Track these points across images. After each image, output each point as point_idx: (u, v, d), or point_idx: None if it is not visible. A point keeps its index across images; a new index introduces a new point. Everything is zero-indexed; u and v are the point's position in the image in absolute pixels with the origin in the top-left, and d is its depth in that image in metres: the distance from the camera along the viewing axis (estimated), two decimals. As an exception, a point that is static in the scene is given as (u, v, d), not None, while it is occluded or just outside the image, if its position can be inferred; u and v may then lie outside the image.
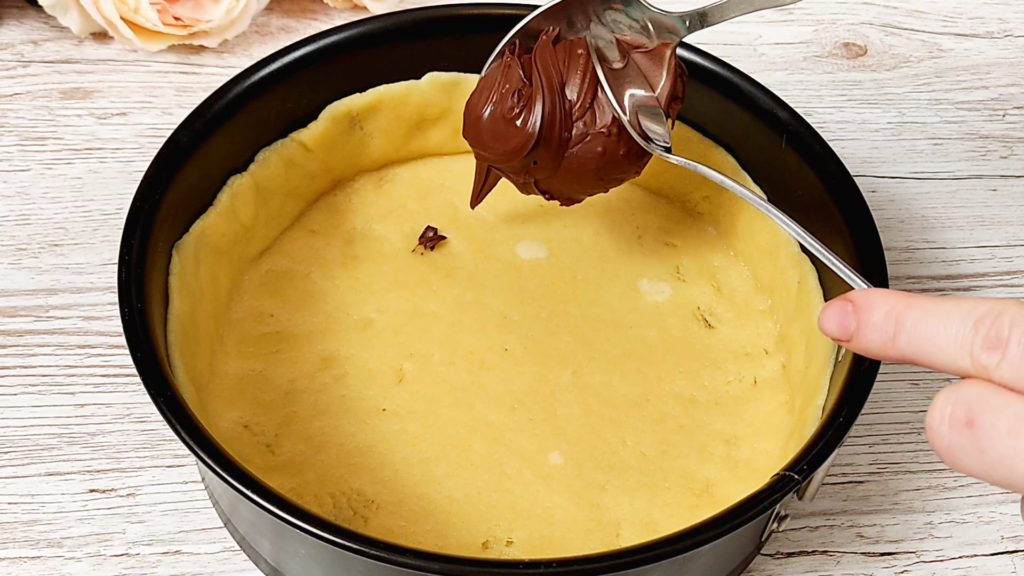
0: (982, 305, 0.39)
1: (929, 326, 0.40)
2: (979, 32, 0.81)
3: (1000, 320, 0.38)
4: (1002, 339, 0.38)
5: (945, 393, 0.39)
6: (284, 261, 0.61)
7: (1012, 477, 0.37)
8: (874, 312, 0.42)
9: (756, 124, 0.60)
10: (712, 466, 0.55)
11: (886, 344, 0.41)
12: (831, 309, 0.43)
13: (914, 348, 0.40)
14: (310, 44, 0.61)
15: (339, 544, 0.44)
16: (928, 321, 0.40)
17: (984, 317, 0.38)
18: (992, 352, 0.38)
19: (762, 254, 0.61)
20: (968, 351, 0.39)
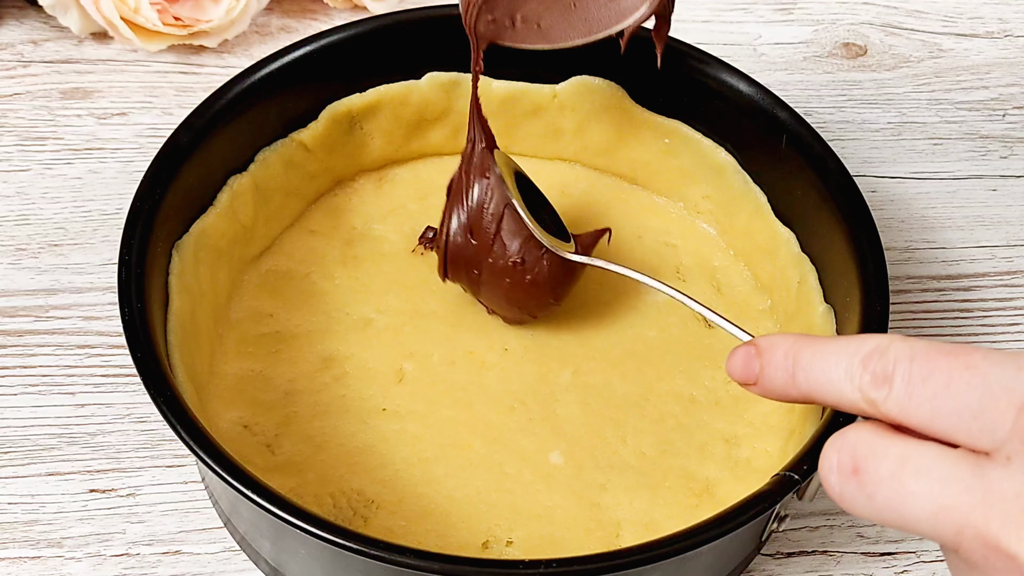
0: (869, 341, 0.39)
1: (823, 362, 0.41)
2: (979, 32, 0.81)
3: (886, 356, 0.39)
4: (888, 374, 0.38)
5: (831, 441, 0.40)
6: (284, 261, 0.61)
7: (902, 520, 0.37)
8: (775, 353, 0.43)
9: (756, 124, 0.60)
10: (712, 466, 0.55)
11: (787, 383, 0.42)
12: (737, 354, 0.45)
13: (811, 385, 0.41)
14: (310, 44, 0.61)
15: (339, 544, 0.44)
16: (821, 358, 0.41)
17: (871, 354, 0.39)
18: (879, 387, 0.39)
19: (762, 254, 0.61)
20: (858, 387, 0.39)
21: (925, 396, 0.38)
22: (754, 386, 0.44)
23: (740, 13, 0.81)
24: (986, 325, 0.65)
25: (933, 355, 0.38)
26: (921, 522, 0.37)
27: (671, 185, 0.65)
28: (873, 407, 0.39)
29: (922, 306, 0.66)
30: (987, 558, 0.36)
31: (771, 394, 0.44)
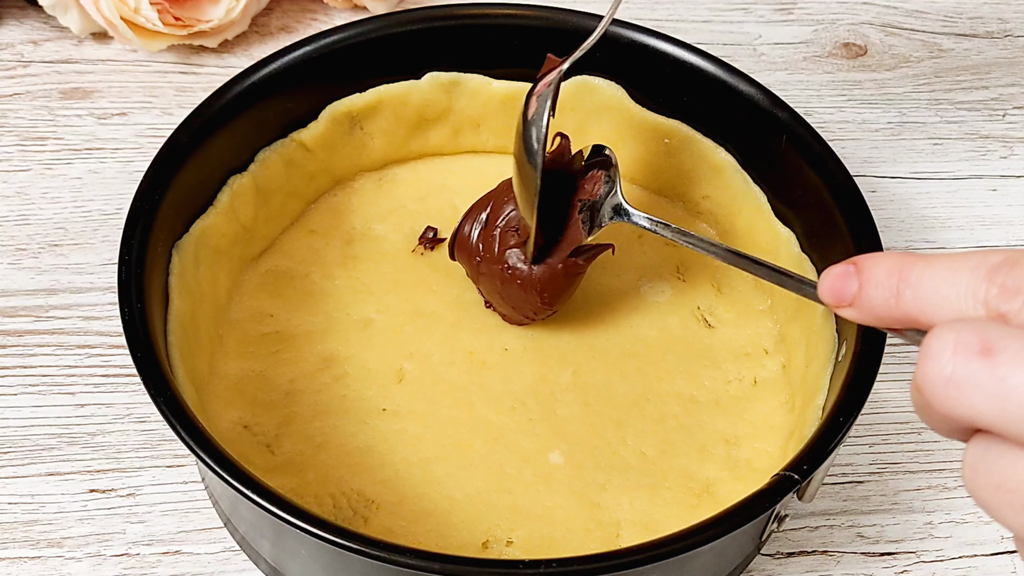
0: (994, 255, 0.35)
1: (937, 278, 0.37)
2: (979, 32, 0.81)
3: (1018, 268, 0.35)
4: (1021, 286, 0.35)
5: (948, 325, 0.34)
6: (284, 261, 0.61)
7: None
8: (877, 269, 0.39)
9: (756, 124, 0.60)
10: (712, 466, 0.55)
11: (890, 303, 0.38)
12: (831, 272, 0.40)
13: (920, 304, 0.37)
14: (310, 44, 0.61)
15: (339, 544, 0.44)
16: (935, 273, 0.37)
17: (999, 266, 0.35)
18: (1012, 299, 0.34)
19: (762, 254, 0.61)
20: (983, 301, 0.35)
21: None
22: (849, 308, 0.40)
23: (740, 13, 0.81)
24: (986, 325, 0.65)
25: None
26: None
27: (671, 185, 0.65)
28: (1003, 322, 0.34)
29: (922, 306, 0.66)
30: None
31: (870, 317, 0.39)
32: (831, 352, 0.54)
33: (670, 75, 0.61)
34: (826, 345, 0.55)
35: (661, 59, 0.61)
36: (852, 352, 0.52)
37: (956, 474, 0.59)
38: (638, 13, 0.80)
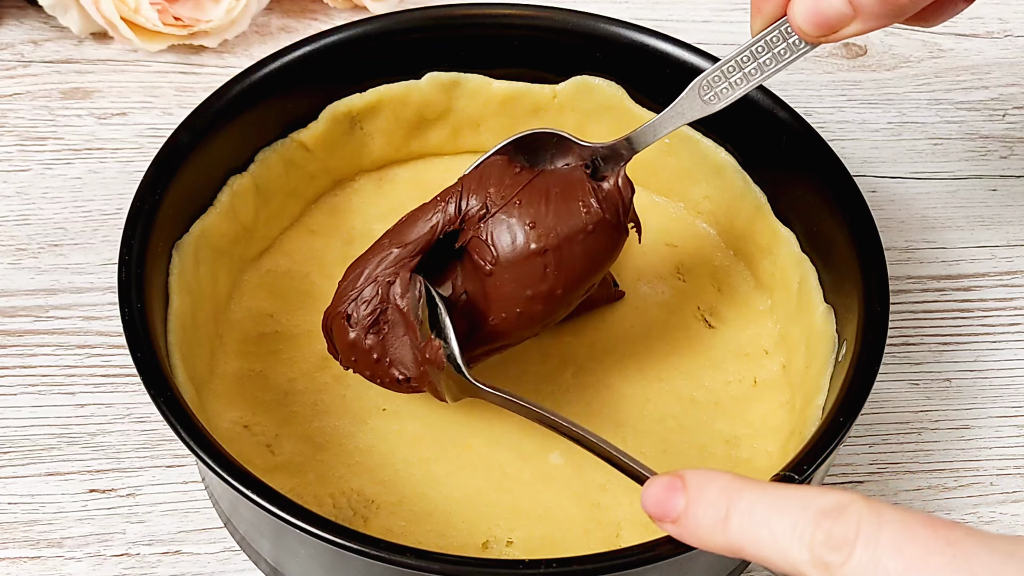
0: (826, 496, 0.35)
1: (767, 510, 0.36)
2: (979, 32, 0.81)
3: (846, 515, 0.34)
4: (848, 538, 0.34)
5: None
6: (284, 261, 0.61)
7: None
8: (707, 489, 0.38)
9: (756, 124, 0.60)
10: (712, 466, 0.55)
11: (717, 528, 0.37)
12: (658, 483, 0.39)
13: (746, 535, 0.36)
14: (310, 44, 0.61)
15: (339, 544, 0.44)
16: (765, 504, 0.36)
17: (828, 511, 0.34)
18: (836, 551, 0.34)
19: (762, 254, 0.61)
20: (807, 545, 0.35)
21: (895, 570, 0.33)
22: (672, 525, 0.39)
23: (740, 13, 0.81)
24: (986, 325, 0.65)
25: (910, 524, 0.34)
26: None
27: (671, 185, 0.65)
28: (824, 572, 0.34)
29: (922, 306, 0.66)
30: None
31: (693, 538, 0.38)
32: (831, 352, 0.54)
33: (670, 75, 0.61)
34: (826, 345, 0.55)
35: (661, 59, 0.61)
36: (852, 352, 0.52)
37: (956, 474, 0.59)
38: (638, 13, 0.80)
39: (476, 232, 0.52)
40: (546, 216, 0.52)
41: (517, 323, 0.53)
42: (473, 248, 0.53)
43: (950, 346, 0.64)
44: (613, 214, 0.53)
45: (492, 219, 0.52)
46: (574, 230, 0.52)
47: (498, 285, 0.52)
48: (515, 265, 0.52)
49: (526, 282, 0.52)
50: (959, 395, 0.62)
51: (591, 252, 0.52)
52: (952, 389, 0.62)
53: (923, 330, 0.65)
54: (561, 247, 0.52)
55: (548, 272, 0.52)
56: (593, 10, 0.64)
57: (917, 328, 0.65)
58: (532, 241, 0.52)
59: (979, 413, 0.61)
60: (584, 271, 0.53)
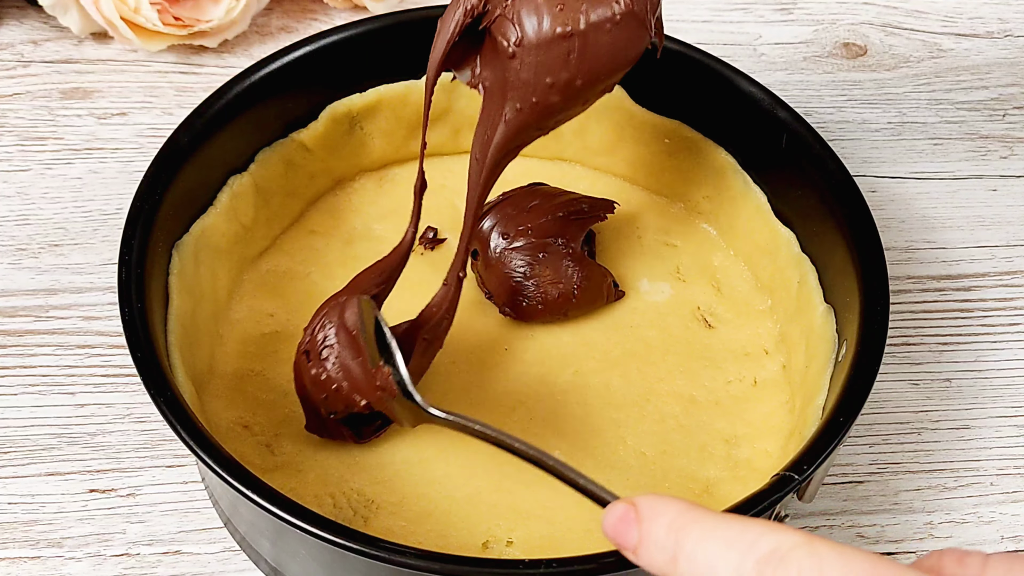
0: (768, 539, 0.35)
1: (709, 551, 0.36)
2: (979, 32, 0.81)
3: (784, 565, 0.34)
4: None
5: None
6: (284, 261, 0.61)
7: None
8: (655, 524, 0.37)
9: (756, 124, 0.60)
10: (712, 466, 0.55)
11: (666, 565, 0.37)
12: (614, 513, 0.39)
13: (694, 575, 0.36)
14: (310, 44, 0.61)
15: (339, 544, 0.44)
16: (708, 545, 0.36)
17: (768, 557, 0.34)
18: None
19: (762, 254, 0.61)
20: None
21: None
22: (631, 554, 0.38)
23: (740, 13, 0.81)
24: (986, 325, 0.65)
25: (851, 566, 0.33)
26: None
27: (671, 185, 0.65)
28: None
29: (922, 306, 0.66)
30: None
31: (650, 571, 0.38)
32: (831, 352, 0.54)
33: (670, 75, 0.61)
34: (826, 345, 0.55)
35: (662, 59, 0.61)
36: (852, 352, 0.52)
37: (956, 474, 0.59)
38: (638, 13, 0.80)
39: (503, 11, 0.51)
40: (575, 1, 0.50)
41: (531, 116, 0.51)
42: (497, 28, 0.51)
43: (950, 346, 0.64)
44: (641, 8, 0.51)
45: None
46: (602, 18, 0.50)
47: (518, 70, 0.51)
48: (539, 48, 0.50)
49: (547, 68, 0.50)
50: (959, 395, 0.62)
51: (615, 45, 0.50)
52: (952, 389, 0.62)
53: (923, 330, 0.65)
54: (587, 33, 0.50)
55: (571, 59, 0.50)
56: (593, 10, 0.63)
57: (917, 328, 0.65)
58: (559, 24, 0.50)
59: (979, 413, 0.61)
60: (605, 65, 0.51)
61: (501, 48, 0.51)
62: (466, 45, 0.52)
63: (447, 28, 0.52)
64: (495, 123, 0.52)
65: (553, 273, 0.58)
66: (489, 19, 0.51)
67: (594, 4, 0.50)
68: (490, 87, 0.52)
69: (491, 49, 0.52)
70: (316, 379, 0.52)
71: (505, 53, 0.50)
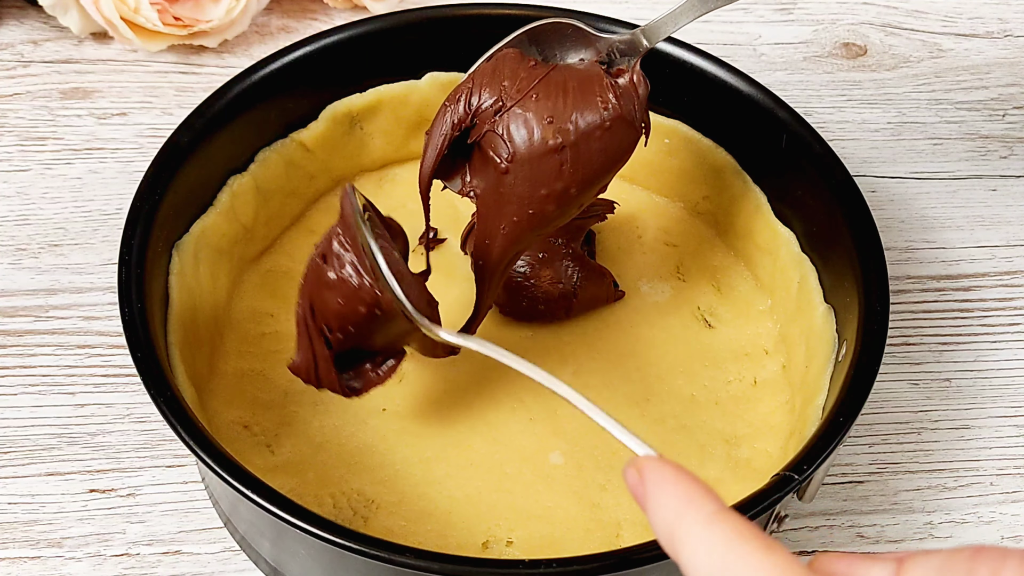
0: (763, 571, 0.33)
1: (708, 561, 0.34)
2: (979, 32, 0.81)
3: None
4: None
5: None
6: (284, 261, 0.61)
7: None
8: (659, 500, 0.36)
9: (756, 124, 0.60)
10: (712, 466, 0.55)
11: (666, 544, 0.36)
12: (630, 473, 0.38)
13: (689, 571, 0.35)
14: (310, 44, 0.61)
15: (339, 544, 0.44)
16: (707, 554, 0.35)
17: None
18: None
19: (762, 254, 0.61)
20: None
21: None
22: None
23: (740, 13, 0.81)
24: (986, 325, 0.65)
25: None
26: None
27: (671, 185, 0.65)
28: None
29: (922, 306, 0.66)
30: None
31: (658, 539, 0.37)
32: (831, 352, 0.54)
33: (670, 75, 0.61)
34: (826, 345, 0.55)
35: (661, 59, 0.61)
36: (852, 352, 0.52)
37: (956, 474, 0.59)
38: (638, 13, 0.80)
39: (492, 126, 0.51)
40: (564, 111, 0.50)
41: (528, 226, 0.51)
42: (487, 144, 0.51)
43: (950, 346, 0.64)
44: (629, 111, 0.51)
45: (509, 113, 0.50)
46: (592, 126, 0.50)
47: (512, 184, 0.51)
48: (532, 161, 0.50)
49: (541, 180, 0.50)
50: (959, 395, 0.62)
51: (607, 150, 0.51)
52: (952, 389, 0.62)
53: (923, 330, 0.65)
54: (579, 143, 0.50)
55: (564, 170, 0.50)
56: (593, 10, 0.64)
57: (917, 328, 0.65)
58: (550, 136, 0.50)
59: (979, 413, 0.61)
60: (598, 170, 0.51)
61: (493, 163, 0.51)
62: (453, 155, 0.52)
63: (435, 142, 0.52)
64: (493, 234, 0.52)
65: (553, 273, 0.58)
66: (477, 134, 0.51)
67: (583, 112, 0.50)
68: (482, 196, 0.52)
69: (481, 161, 0.52)
70: (332, 282, 0.49)
71: (498, 168, 0.51)
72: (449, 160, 0.53)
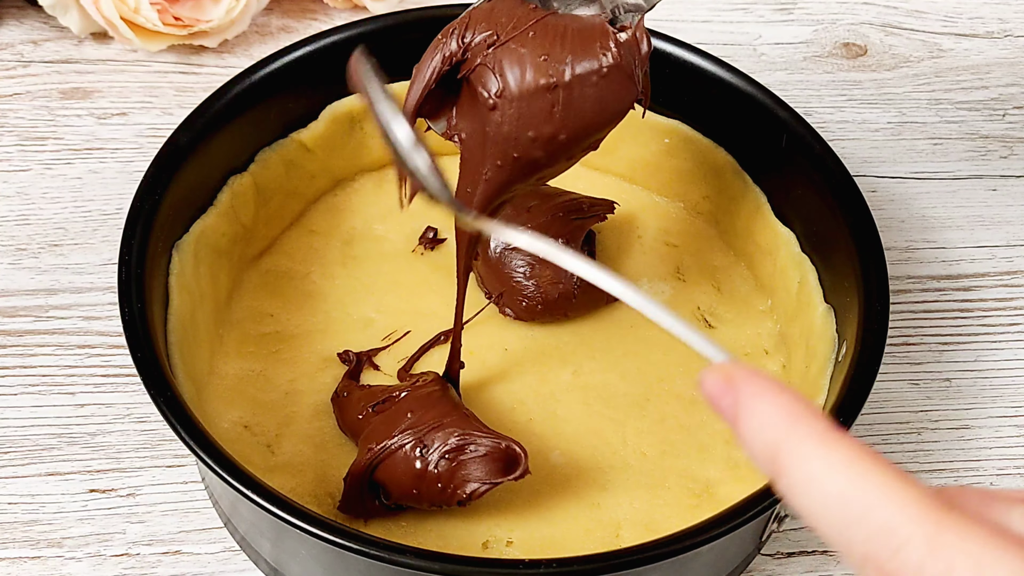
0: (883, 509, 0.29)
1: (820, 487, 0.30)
2: (979, 32, 0.81)
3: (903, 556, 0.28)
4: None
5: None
6: (284, 261, 0.61)
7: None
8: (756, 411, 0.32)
9: (756, 124, 0.60)
10: (712, 466, 0.55)
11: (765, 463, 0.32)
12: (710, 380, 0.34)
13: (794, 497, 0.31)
14: (310, 44, 0.61)
15: (339, 544, 0.44)
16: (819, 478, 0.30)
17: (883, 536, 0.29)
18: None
19: (762, 254, 0.61)
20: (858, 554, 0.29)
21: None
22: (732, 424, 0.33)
23: (740, 13, 0.81)
24: (986, 325, 0.65)
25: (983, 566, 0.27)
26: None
27: (671, 185, 0.65)
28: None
29: (922, 306, 0.66)
30: None
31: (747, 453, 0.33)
32: (831, 352, 0.54)
33: (670, 75, 0.61)
34: (826, 345, 0.55)
35: (662, 59, 0.61)
36: (852, 352, 0.52)
37: (956, 474, 0.59)
38: None
39: (484, 59, 0.49)
40: (560, 52, 0.48)
41: (512, 172, 0.49)
42: (477, 78, 0.49)
43: (950, 346, 0.64)
44: (629, 63, 0.48)
45: (502, 48, 0.48)
46: (588, 70, 0.48)
47: (499, 123, 0.48)
48: (521, 99, 0.48)
49: (530, 121, 0.48)
50: (959, 395, 0.62)
51: (601, 100, 0.48)
52: (952, 389, 0.62)
53: (923, 330, 0.65)
54: (572, 86, 0.48)
55: (555, 112, 0.48)
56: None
57: (917, 328, 0.65)
58: (543, 75, 0.48)
59: (979, 413, 0.61)
60: (591, 120, 0.48)
61: (481, 99, 0.48)
62: (442, 94, 0.50)
63: (423, 75, 0.50)
64: (475, 180, 0.50)
65: (553, 273, 0.58)
66: (468, 68, 0.49)
67: (580, 56, 0.48)
68: (467, 140, 0.50)
69: (469, 99, 0.49)
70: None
71: (485, 104, 0.48)
72: (437, 99, 0.50)
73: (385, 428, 0.51)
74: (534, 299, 0.58)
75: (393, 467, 0.51)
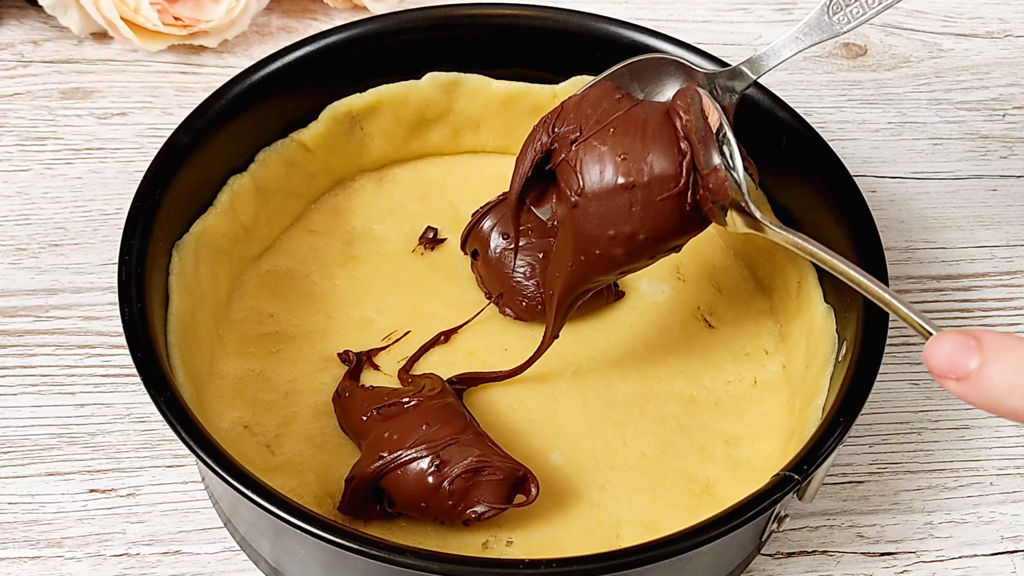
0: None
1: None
2: (979, 32, 0.81)
3: None
4: None
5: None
6: (284, 261, 0.61)
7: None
8: (1007, 353, 0.36)
9: (756, 124, 0.60)
10: (712, 466, 0.55)
11: (1012, 392, 0.36)
12: (951, 340, 0.37)
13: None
14: (310, 44, 0.61)
15: (339, 544, 0.44)
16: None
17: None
18: None
19: (762, 254, 0.61)
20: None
21: None
22: (955, 383, 0.37)
23: (740, 13, 0.81)
24: (986, 325, 0.65)
25: None
26: None
27: (671, 185, 0.65)
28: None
29: (922, 306, 0.66)
30: None
31: (980, 398, 0.37)
32: (831, 352, 0.54)
33: (670, 75, 0.61)
34: (826, 345, 0.55)
35: (661, 59, 0.61)
36: (852, 352, 0.52)
37: (956, 474, 0.59)
38: (638, 13, 0.80)
39: (567, 155, 0.49)
40: (640, 150, 0.48)
41: (595, 267, 0.50)
42: (562, 174, 0.49)
43: (950, 346, 0.64)
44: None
45: (583, 144, 0.48)
46: (667, 173, 0.48)
47: (581, 220, 0.49)
48: (600, 198, 0.48)
49: (609, 219, 0.48)
50: (959, 395, 0.62)
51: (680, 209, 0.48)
52: (952, 389, 0.62)
53: (923, 330, 0.65)
54: (651, 185, 0.48)
55: (634, 212, 0.48)
56: (593, 10, 0.64)
57: (917, 328, 0.65)
58: (620, 174, 0.48)
59: (979, 413, 0.61)
60: (671, 222, 0.48)
61: (564, 196, 0.49)
62: (543, 184, 0.52)
63: (522, 165, 0.51)
64: (564, 268, 0.51)
65: None
66: (554, 161, 0.50)
67: (660, 156, 0.48)
68: (560, 229, 0.51)
69: (559, 190, 0.51)
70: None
71: (568, 201, 0.49)
72: (541, 188, 0.52)
73: (398, 438, 0.51)
74: (534, 299, 0.58)
75: (404, 478, 0.50)
